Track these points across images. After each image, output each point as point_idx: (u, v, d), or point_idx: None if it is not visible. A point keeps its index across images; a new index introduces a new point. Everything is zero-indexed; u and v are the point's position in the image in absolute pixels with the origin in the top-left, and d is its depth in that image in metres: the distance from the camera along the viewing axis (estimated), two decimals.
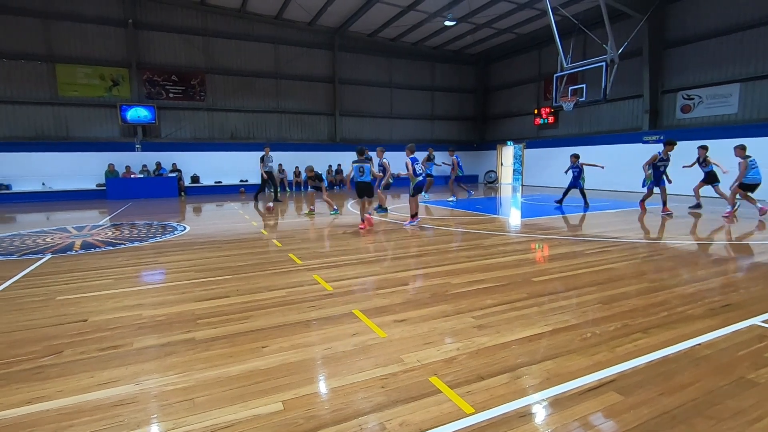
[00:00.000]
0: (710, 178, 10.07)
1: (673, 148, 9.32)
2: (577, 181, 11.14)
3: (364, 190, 7.85)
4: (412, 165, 8.11)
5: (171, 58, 17.71)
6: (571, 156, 11.30)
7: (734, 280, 4.37)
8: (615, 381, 2.36)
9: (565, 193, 11.49)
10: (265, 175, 13.80)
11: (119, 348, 2.91)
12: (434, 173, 14.74)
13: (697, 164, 10.24)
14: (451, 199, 13.37)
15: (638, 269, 4.85)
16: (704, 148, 10.10)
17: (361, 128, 22.18)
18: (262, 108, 19.67)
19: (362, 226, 7.88)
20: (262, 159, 13.76)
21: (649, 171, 9.47)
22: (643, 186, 9.71)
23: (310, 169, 10.62)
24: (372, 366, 2.58)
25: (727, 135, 13.66)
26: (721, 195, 9.74)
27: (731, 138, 13.51)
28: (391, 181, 10.83)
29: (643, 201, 9.86)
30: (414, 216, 8.34)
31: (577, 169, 11.10)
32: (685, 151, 14.48)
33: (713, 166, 10.00)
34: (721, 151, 13.64)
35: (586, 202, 11.05)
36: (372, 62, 21.85)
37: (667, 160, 9.41)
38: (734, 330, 3.05)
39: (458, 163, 13.60)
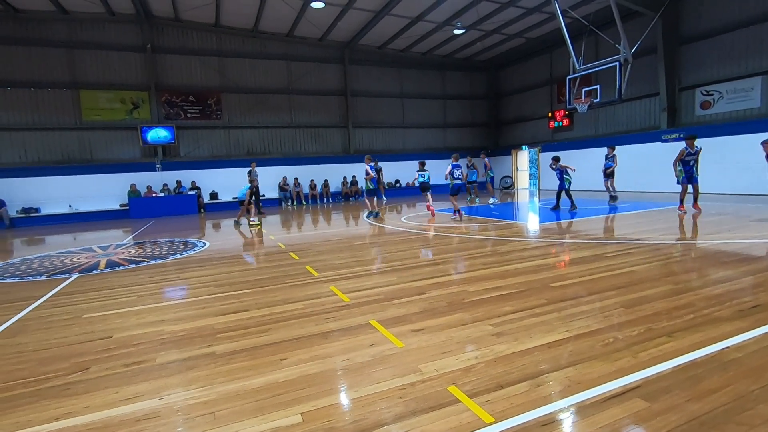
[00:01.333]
0: None
1: (695, 141, 9.14)
2: (561, 184, 11.09)
3: (426, 187, 11.31)
4: (452, 170, 10.01)
5: (188, 79, 18.27)
6: (552, 158, 11.30)
7: (764, 279, 4.20)
8: (640, 387, 2.29)
9: (558, 197, 11.42)
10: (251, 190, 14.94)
11: (143, 363, 2.98)
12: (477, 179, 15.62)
13: None
14: (491, 201, 14.27)
15: (661, 271, 4.72)
16: None
17: (374, 139, 22.35)
18: (276, 123, 20.05)
19: (430, 209, 11.33)
20: (249, 173, 14.84)
21: (680, 168, 9.30)
22: (678, 183, 9.46)
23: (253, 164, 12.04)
24: (390, 376, 2.57)
25: (751, 130, 13.26)
26: None
27: (755, 133, 13.13)
28: (372, 187, 11.33)
29: (682, 201, 9.52)
30: (456, 211, 10.14)
31: (558, 172, 11.05)
32: (708, 148, 14.14)
33: None
34: (747, 147, 13.30)
35: (572, 204, 10.96)
36: (383, 73, 22.07)
37: (695, 153, 9.19)
38: (766, 332, 2.94)
39: (490, 167, 15.24)
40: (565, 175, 10.93)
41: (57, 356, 3.19)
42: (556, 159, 11.09)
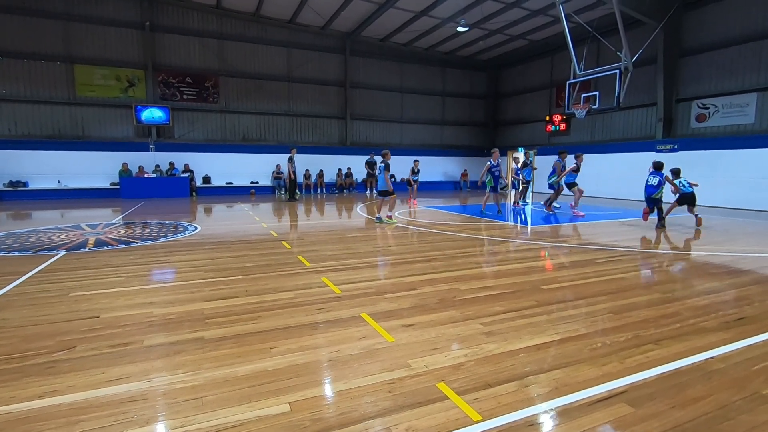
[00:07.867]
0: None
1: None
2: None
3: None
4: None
5: (186, 60, 17.98)
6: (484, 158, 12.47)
7: (749, 292, 4.28)
8: (625, 392, 2.32)
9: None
10: (292, 175, 15.13)
11: (130, 345, 2.95)
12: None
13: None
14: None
15: (650, 279, 4.79)
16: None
17: (371, 132, 22.26)
18: (273, 111, 19.86)
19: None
20: (291, 159, 14.93)
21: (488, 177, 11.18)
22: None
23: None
24: (379, 370, 2.58)
25: (744, 145, 13.45)
26: None
27: (748, 148, 13.32)
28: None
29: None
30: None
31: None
32: (700, 161, 14.32)
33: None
34: (739, 161, 13.49)
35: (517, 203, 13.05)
36: (383, 67, 21.94)
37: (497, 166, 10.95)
38: (749, 344, 2.99)
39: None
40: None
41: (42, 334, 3.14)
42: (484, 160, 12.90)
